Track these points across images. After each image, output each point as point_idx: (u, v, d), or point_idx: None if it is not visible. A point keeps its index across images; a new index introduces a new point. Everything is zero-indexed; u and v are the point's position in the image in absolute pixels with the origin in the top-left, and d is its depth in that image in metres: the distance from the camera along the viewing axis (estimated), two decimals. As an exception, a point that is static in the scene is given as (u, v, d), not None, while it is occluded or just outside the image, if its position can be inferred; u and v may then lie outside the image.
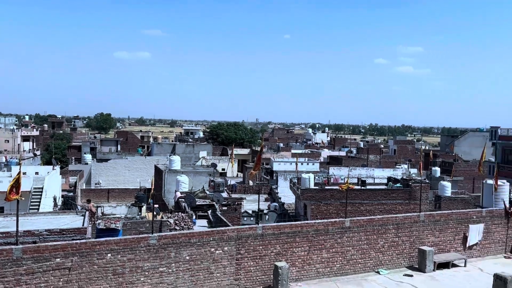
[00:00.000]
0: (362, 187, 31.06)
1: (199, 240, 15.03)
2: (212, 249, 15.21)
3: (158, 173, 41.05)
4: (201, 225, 22.41)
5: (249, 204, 33.29)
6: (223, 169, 56.32)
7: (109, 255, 13.70)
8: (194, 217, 22.65)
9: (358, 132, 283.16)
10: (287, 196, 36.31)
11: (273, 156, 56.46)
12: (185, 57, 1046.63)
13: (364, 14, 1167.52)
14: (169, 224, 19.99)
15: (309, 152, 72.88)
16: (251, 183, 44.89)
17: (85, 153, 65.04)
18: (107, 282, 13.70)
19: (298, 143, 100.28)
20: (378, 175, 42.06)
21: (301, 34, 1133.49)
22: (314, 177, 31.93)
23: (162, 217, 21.49)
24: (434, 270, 18.34)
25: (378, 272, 17.93)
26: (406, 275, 17.80)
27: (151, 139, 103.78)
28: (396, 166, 52.56)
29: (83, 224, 17.28)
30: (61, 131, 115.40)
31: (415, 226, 18.99)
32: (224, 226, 18.45)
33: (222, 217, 22.31)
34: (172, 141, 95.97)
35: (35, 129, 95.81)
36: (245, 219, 28.38)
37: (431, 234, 19.35)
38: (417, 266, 18.59)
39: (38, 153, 79.46)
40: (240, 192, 41.16)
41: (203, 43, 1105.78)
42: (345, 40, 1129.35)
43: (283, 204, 35.45)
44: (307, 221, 19.41)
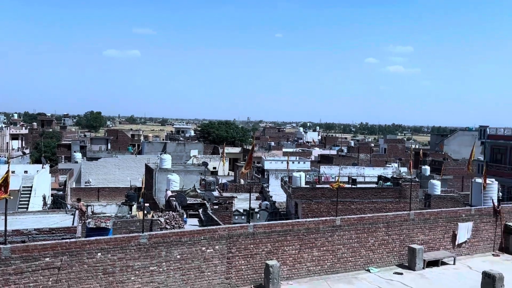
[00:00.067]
0: (353, 186, 31.14)
1: (190, 239, 15.01)
2: (203, 248, 15.20)
3: (149, 172, 40.92)
4: (192, 224, 22.33)
5: (240, 203, 33.27)
6: (214, 168, 56.21)
7: (99, 254, 13.63)
8: (185, 216, 22.55)
9: (349, 131, 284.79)
10: (278, 195, 36.28)
11: (264, 155, 56.37)
12: (176, 56, 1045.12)
13: (355, 14, 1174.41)
14: (160, 223, 19.89)
15: (300, 151, 73.00)
16: (242, 182, 44.87)
17: (75, 152, 64.66)
18: (97, 282, 13.62)
19: (289, 142, 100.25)
20: (369, 174, 42.21)
21: (293, 33, 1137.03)
22: (305, 176, 31.96)
23: (153, 216, 21.39)
24: (424, 268, 18.52)
25: (369, 270, 18.05)
26: (396, 273, 17.95)
27: (142, 138, 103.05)
28: (387, 165, 52.80)
29: (73, 223, 17.20)
30: (51, 130, 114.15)
31: (405, 225, 19.14)
32: (215, 225, 18.44)
33: (213, 216, 22.24)
34: (163, 140, 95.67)
35: (24, 128, 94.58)
36: (236, 218, 28.34)
37: (421, 232, 19.52)
38: (407, 264, 18.76)
39: (27, 152, 78.63)
40: (232, 191, 41.07)
41: (194, 42, 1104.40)
42: (336, 39, 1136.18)
43: (274, 203, 35.47)
44: (298, 220, 19.43)
